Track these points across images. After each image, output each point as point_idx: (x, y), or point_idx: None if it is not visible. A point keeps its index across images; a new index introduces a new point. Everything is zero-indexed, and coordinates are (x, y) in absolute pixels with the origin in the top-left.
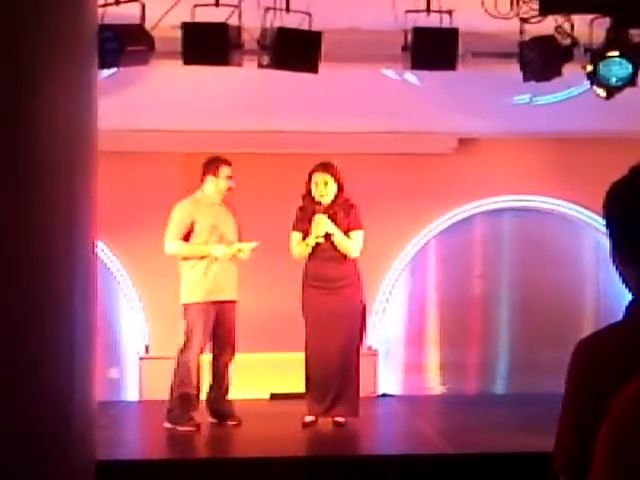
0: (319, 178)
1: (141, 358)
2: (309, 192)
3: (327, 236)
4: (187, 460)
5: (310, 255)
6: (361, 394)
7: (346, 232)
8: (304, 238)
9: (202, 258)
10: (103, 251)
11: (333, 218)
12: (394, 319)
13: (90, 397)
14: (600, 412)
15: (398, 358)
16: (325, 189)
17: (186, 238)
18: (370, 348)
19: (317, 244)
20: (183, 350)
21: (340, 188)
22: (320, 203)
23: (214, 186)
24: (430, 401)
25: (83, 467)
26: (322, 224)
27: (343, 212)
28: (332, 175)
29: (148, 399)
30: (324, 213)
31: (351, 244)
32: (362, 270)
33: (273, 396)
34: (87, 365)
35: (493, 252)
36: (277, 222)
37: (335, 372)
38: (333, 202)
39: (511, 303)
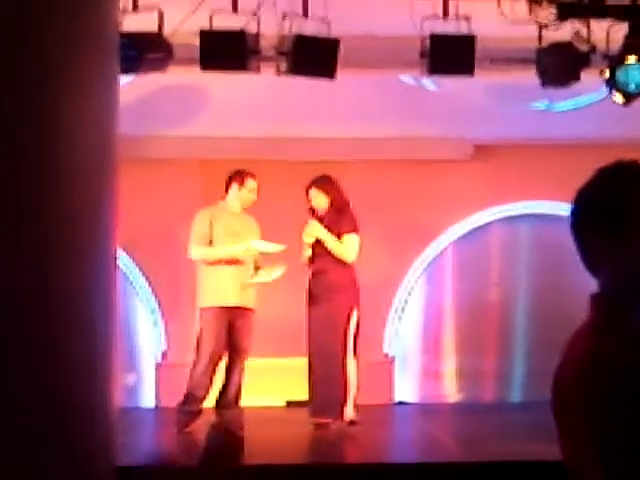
0: (311, 193)
1: (158, 365)
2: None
3: (319, 243)
4: (204, 466)
5: (311, 263)
6: (378, 402)
7: (339, 236)
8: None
9: (222, 262)
10: (121, 257)
11: (327, 224)
12: (410, 326)
13: (111, 403)
14: None
15: (415, 366)
16: (317, 201)
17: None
18: (387, 356)
19: (315, 252)
20: (195, 352)
21: (332, 199)
22: (317, 214)
23: (237, 195)
24: (446, 409)
25: (104, 473)
26: (310, 230)
27: (337, 217)
28: (322, 189)
29: (165, 406)
30: (319, 220)
31: (344, 249)
32: (378, 277)
33: (289, 404)
34: (108, 372)
35: (510, 259)
36: (293, 229)
37: (323, 375)
38: (327, 212)
39: (528, 310)
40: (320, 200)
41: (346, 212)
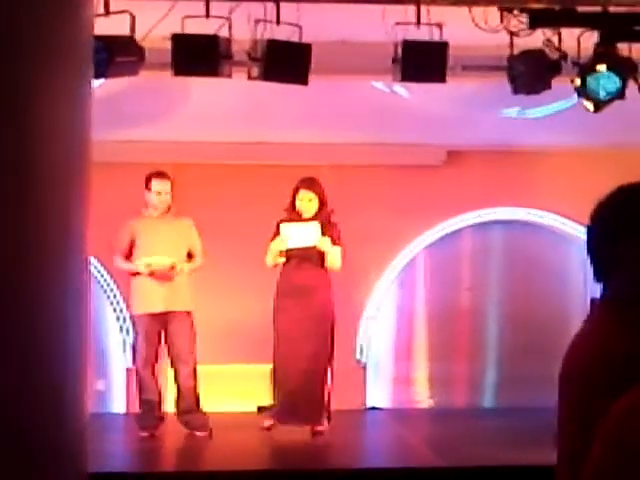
0: (304, 195)
1: (128, 370)
2: (293, 206)
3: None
4: (173, 472)
5: (284, 264)
6: (350, 407)
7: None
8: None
9: (136, 273)
10: (90, 262)
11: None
12: (383, 332)
13: (82, 408)
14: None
15: (387, 371)
16: (309, 204)
17: (131, 252)
18: (359, 361)
19: (291, 253)
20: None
21: (323, 204)
22: (303, 217)
23: (149, 200)
24: (418, 414)
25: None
26: (320, 242)
27: (327, 224)
28: (316, 192)
29: (135, 411)
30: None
31: (338, 258)
32: (350, 283)
33: (260, 409)
34: (79, 376)
35: (482, 265)
36: (264, 233)
37: (302, 381)
38: (315, 216)
39: (500, 316)
40: (314, 203)
41: (332, 221)
